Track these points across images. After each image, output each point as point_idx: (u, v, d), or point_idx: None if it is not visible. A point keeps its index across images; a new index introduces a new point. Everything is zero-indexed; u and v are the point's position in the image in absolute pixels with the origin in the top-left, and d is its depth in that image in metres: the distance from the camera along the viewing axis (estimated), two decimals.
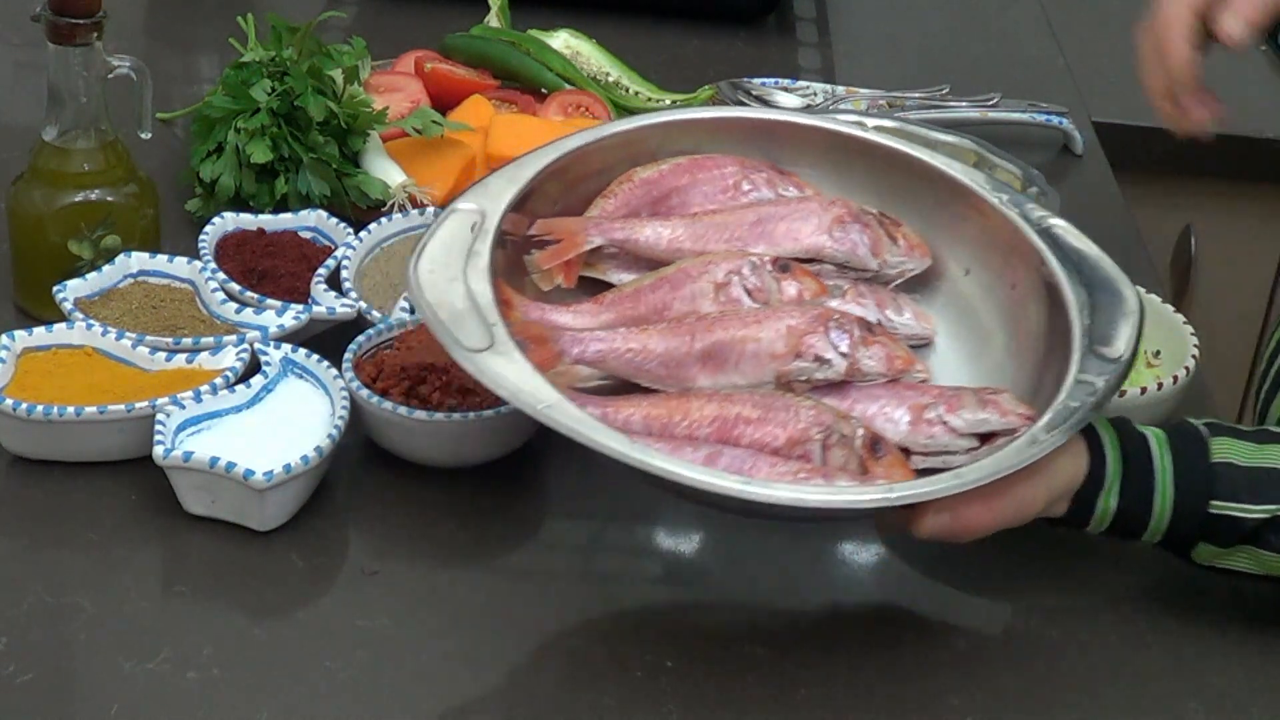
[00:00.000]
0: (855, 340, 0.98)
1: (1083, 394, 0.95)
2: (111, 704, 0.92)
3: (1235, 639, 1.04)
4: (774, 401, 0.95)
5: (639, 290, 1.02)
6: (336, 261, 1.22)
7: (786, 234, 1.05)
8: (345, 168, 1.32)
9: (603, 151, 1.08)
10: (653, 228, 1.04)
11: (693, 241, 1.04)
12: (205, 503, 1.04)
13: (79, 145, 1.18)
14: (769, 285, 1.01)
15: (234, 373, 1.10)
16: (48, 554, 1.02)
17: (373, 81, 1.44)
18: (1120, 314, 1.00)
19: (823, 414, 0.94)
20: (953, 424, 0.96)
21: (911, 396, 0.98)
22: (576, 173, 1.07)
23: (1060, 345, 0.99)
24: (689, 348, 0.98)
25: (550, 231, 1.03)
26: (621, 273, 1.05)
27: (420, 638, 0.98)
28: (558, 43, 1.54)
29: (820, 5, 1.87)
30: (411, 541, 1.05)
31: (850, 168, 1.10)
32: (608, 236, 1.04)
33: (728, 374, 0.97)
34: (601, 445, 0.89)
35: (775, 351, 0.97)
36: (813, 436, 0.94)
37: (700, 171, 1.08)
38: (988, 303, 1.05)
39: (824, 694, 0.96)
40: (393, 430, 1.08)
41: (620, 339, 0.98)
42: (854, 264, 1.05)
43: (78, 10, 1.14)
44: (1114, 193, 1.56)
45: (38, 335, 1.11)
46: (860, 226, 1.05)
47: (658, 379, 0.98)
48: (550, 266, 1.02)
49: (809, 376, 0.97)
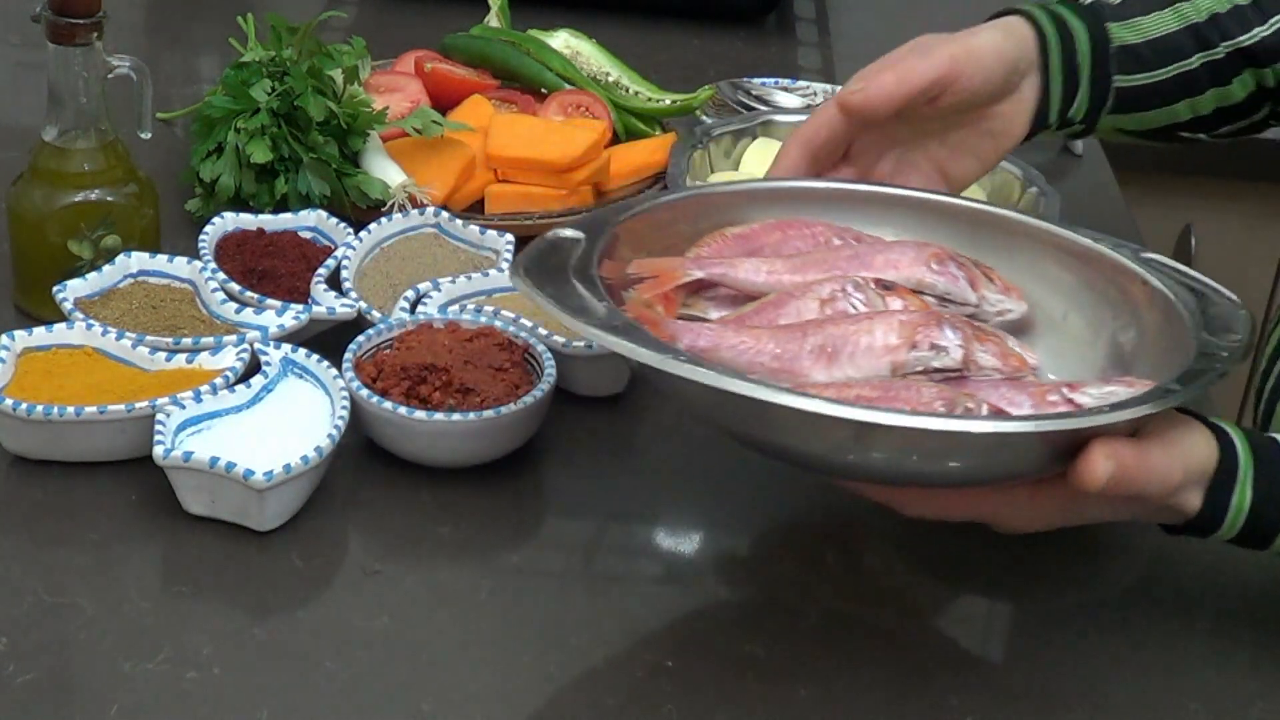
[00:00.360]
0: (969, 335, 0.96)
1: (1208, 362, 0.93)
2: (111, 704, 0.92)
3: (1235, 639, 1.04)
4: (894, 382, 0.93)
5: (742, 315, 1.01)
6: (336, 261, 1.22)
7: (885, 264, 1.03)
8: (345, 168, 1.32)
9: (689, 214, 1.07)
10: (752, 263, 1.03)
11: (792, 274, 1.02)
12: (205, 503, 1.04)
13: (79, 145, 1.18)
14: (874, 301, 0.99)
15: (234, 373, 1.10)
16: (48, 554, 1.02)
17: (373, 81, 1.44)
18: (1231, 312, 0.99)
19: (944, 391, 0.92)
20: (1079, 400, 0.93)
21: (1032, 385, 0.95)
22: (661, 237, 1.05)
23: (1177, 342, 0.97)
24: (801, 343, 0.96)
25: (648, 270, 1.02)
26: (720, 310, 1.03)
27: (420, 637, 0.98)
28: (558, 43, 1.54)
29: (820, 5, 1.87)
30: (411, 541, 1.05)
31: (934, 232, 1.09)
32: (707, 270, 1.02)
33: (842, 366, 0.95)
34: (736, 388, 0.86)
35: (889, 344, 0.95)
36: (937, 409, 0.91)
37: (790, 229, 1.07)
38: (1091, 338, 1.04)
39: (824, 694, 0.96)
40: (393, 430, 1.08)
41: (732, 331, 0.96)
42: (954, 297, 1.03)
43: (78, 10, 1.14)
44: (1114, 193, 1.56)
45: (38, 335, 1.12)
46: (956, 264, 1.03)
47: (770, 373, 0.95)
48: (649, 298, 1.01)
49: (925, 366, 0.95)
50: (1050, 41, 1.17)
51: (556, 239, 0.99)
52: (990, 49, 1.14)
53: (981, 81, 1.14)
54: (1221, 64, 1.22)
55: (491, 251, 1.27)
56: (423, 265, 1.25)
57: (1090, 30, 1.20)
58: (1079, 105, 1.19)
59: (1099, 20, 1.21)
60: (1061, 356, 1.04)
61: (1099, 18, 1.21)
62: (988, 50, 1.14)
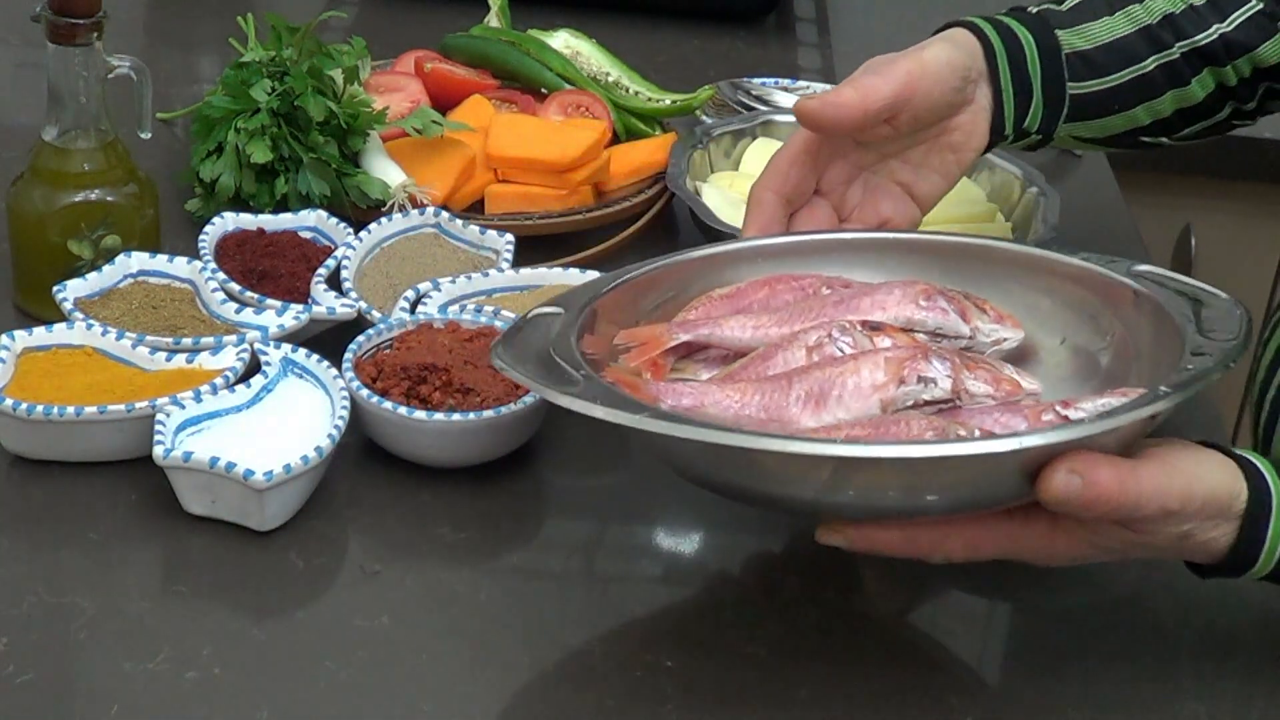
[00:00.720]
0: (957, 365, 0.95)
1: (1202, 363, 0.92)
2: (111, 704, 0.92)
3: (1235, 639, 1.04)
4: (884, 419, 0.92)
5: (731, 372, 1.00)
6: (336, 261, 1.22)
7: (873, 305, 1.02)
8: (345, 168, 1.32)
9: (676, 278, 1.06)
10: (737, 320, 1.02)
11: (779, 326, 1.02)
12: (205, 503, 1.04)
13: (79, 145, 1.18)
14: (861, 343, 0.98)
15: (234, 373, 1.10)
16: (48, 554, 1.02)
17: (373, 81, 1.44)
18: (1226, 319, 0.98)
19: (935, 421, 0.91)
20: (1074, 417, 0.91)
21: (1026, 406, 0.94)
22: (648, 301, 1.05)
23: (1171, 349, 0.96)
24: (787, 392, 0.95)
25: (633, 338, 1.02)
26: (710, 371, 1.02)
27: (420, 638, 0.98)
28: (558, 43, 1.54)
29: (820, 5, 1.87)
30: (411, 541, 1.05)
31: (927, 270, 1.08)
32: (693, 332, 1.02)
33: (831, 410, 0.94)
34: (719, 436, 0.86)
35: (877, 382, 0.94)
36: (929, 440, 0.90)
37: (779, 284, 1.07)
38: (1090, 358, 1.04)
39: (824, 694, 0.96)
40: (393, 430, 1.09)
41: (715, 387, 0.96)
42: (946, 331, 1.02)
43: (78, 10, 1.14)
44: (1114, 193, 1.56)
45: (38, 335, 1.12)
46: (946, 298, 1.03)
47: (759, 425, 0.94)
48: (637, 365, 1.00)
49: (915, 399, 0.94)
50: (997, 50, 1.17)
51: (535, 316, 0.99)
52: (942, 60, 1.14)
53: (938, 95, 1.14)
54: (1177, 64, 1.22)
55: (491, 251, 1.27)
56: (423, 265, 1.25)
57: (1038, 38, 1.19)
58: (1033, 114, 1.19)
59: (1047, 27, 1.21)
60: (1063, 381, 1.03)
61: (1047, 25, 1.21)
62: (940, 62, 1.14)
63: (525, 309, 1.18)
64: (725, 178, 1.41)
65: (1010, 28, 1.19)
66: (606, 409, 0.87)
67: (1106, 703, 0.99)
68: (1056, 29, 1.21)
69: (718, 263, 1.08)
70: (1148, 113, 1.23)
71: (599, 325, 1.01)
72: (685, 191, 1.34)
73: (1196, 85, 1.22)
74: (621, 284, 1.04)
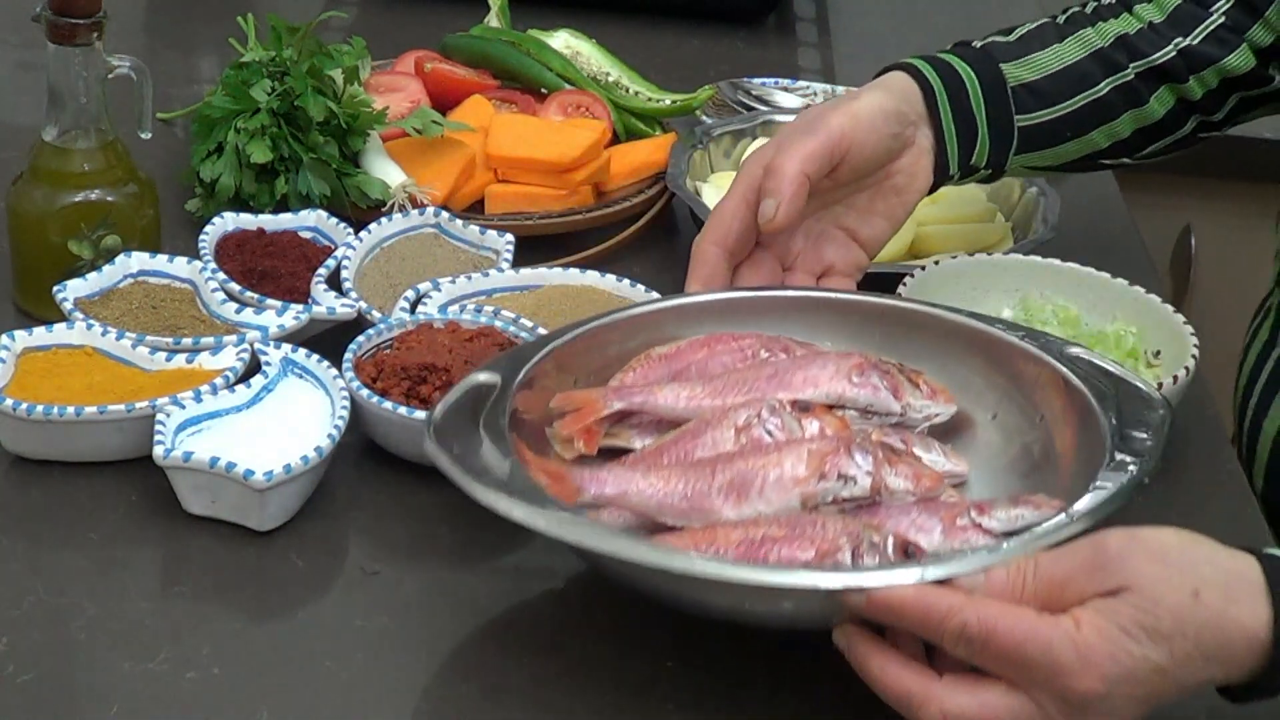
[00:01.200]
0: (879, 460, 0.96)
1: (1115, 478, 0.94)
2: (111, 704, 0.92)
3: None
4: (801, 519, 0.94)
5: (662, 447, 1.01)
6: (336, 261, 1.22)
7: (805, 381, 1.03)
8: (345, 168, 1.32)
9: (619, 334, 1.08)
10: (671, 389, 1.04)
11: (712, 398, 1.03)
12: (205, 503, 1.04)
13: (79, 145, 1.18)
14: (789, 425, 1.00)
15: (234, 373, 1.10)
16: (48, 554, 1.02)
17: (373, 81, 1.44)
18: (1147, 416, 0.99)
19: (851, 524, 0.93)
20: (987, 525, 0.93)
21: (943, 507, 0.96)
22: (592, 358, 1.07)
23: (1092, 455, 0.98)
24: (710, 480, 0.96)
25: (569, 403, 1.03)
26: (644, 438, 1.04)
27: (420, 638, 0.98)
28: (558, 43, 1.54)
29: (820, 5, 1.87)
30: (411, 542, 1.05)
31: (868, 333, 1.09)
32: (627, 400, 1.03)
33: (752, 502, 0.96)
34: (625, 552, 0.89)
35: (798, 475, 0.96)
36: (841, 546, 0.91)
37: (718, 345, 1.08)
38: (1018, 439, 1.05)
39: (825, 695, 0.96)
40: (393, 430, 1.08)
41: (640, 475, 0.97)
42: (876, 408, 1.03)
43: (78, 10, 1.14)
44: (1114, 193, 1.56)
45: (38, 335, 1.12)
46: (879, 373, 1.04)
47: (681, 514, 0.96)
48: (571, 433, 1.02)
49: (835, 496, 0.95)
50: (936, 90, 1.17)
51: (472, 385, 1.00)
52: (875, 109, 1.15)
53: (874, 143, 1.14)
54: (1133, 85, 1.22)
55: (491, 251, 1.27)
56: (423, 265, 1.25)
57: (981, 73, 1.20)
58: (980, 150, 1.20)
59: (991, 62, 1.21)
60: (991, 460, 1.05)
61: (991, 59, 1.21)
62: (873, 112, 1.14)
63: (525, 309, 1.19)
64: (725, 178, 1.40)
65: (951, 65, 1.19)
66: (526, 511, 0.90)
67: None
68: (1001, 63, 1.21)
69: (659, 319, 1.09)
70: (1105, 136, 1.23)
71: (538, 382, 1.03)
72: (685, 192, 1.34)
73: (1155, 103, 1.23)
74: (564, 343, 1.05)
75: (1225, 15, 1.22)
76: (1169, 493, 1.15)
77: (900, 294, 1.17)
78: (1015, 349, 1.06)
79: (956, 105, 1.18)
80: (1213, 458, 1.20)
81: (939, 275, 1.23)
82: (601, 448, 1.03)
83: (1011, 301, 1.24)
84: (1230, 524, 1.14)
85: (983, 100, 1.19)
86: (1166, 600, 0.85)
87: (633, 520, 0.97)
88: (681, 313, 1.10)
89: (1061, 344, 1.05)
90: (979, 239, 1.35)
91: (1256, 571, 0.87)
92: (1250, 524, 1.14)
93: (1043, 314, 1.22)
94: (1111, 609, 0.85)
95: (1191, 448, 1.19)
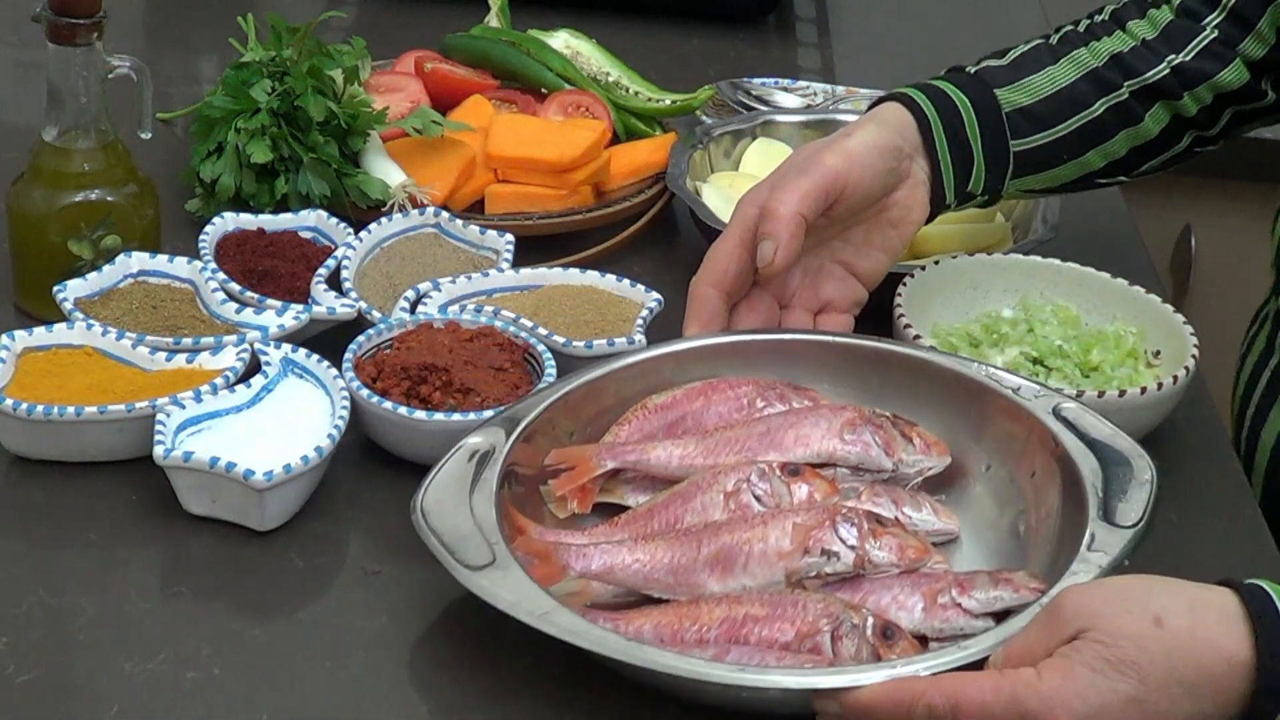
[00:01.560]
0: (864, 533, 0.97)
1: (1096, 561, 0.95)
2: (111, 704, 0.92)
3: None
4: (782, 598, 0.95)
5: (653, 509, 1.02)
6: (336, 261, 1.22)
7: (796, 441, 1.05)
8: (345, 168, 1.32)
9: (616, 383, 1.09)
10: (664, 447, 1.05)
11: (704, 457, 1.05)
12: (205, 503, 1.04)
13: (79, 145, 1.18)
14: (778, 489, 1.01)
15: (234, 373, 1.10)
16: (48, 554, 1.02)
17: (373, 81, 1.44)
18: (1133, 484, 1.00)
19: (831, 605, 0.94)
20: (966, 605, 0.95)
21: (925, 583, 0.97)
22: (589, 408, 1.08)
23: (1076, 522, 0.98)
24: (696, 554, 0.97)
25: (564, 460, 1.04)
26: (638, 495, 1.05)
27: (420, 638, 0.98)
28: (558, 43, 1.54)
29: (820, 5, 1.87)
30: (411, 541, 1.05)
31: (866, 378, 1.10)
32: (620, 459, 1.04)
33: (737, 577, 0.97)
34: (601, 646, 0.90)
35: (782, 550, 0.97)
36: (821, 628, 0.92)
37: (714, 394, 1.09)
38: (1009, 494, 1.05)
39: None
40: (393, 430, 1.08)
41: (625, 550, 0.98)
42: (868, 465, 1.04)
43: (78, 10, 1.14)
44: (1114, 193, 1.55)
45: (38, 335, 1.12)
46: (873, 428, 1.05)
47: (667, 588, 0.97)
48: (565, 493, 1.03)
49: (819, 572, 0.97)
50: (931, 121, 1.17)
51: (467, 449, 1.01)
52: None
53: (869, 180, 1.14)
54: (1128, 104, 1.22)
55: (491, 251, 1.27)
56: (423, 265, 1.25)
57: (976, 101, 1.19)
58: (976, 178, 1.19)
59: (986, 89, 1.20)
60: (983, 514, 1.06)
61: (986, 86, 1.21)
62: (867, 148, 1.14)
63: (525, 309, 1.18)
64: (725, 178, 1.40)
65: (946, 94, 1.19)
66: (509, 601, 0.91)
67: None
68: (996, 88, 1.20)
69: (657, 365, 1.10)
70: (1101, 156, 1.23)
71: (536, 436, 1.04)
72: (685, 192, 1.34)
73: (1150, 121, 1.22)
74: (561, 398, 1.06)
75: (1217, 29, 1.22)
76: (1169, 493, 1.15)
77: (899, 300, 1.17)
78: (1009, 403, 1.06)
79: (952, 135, 1.18)
80: (1213, 458, 1.20)
81: (939, 275, 1.23)
82: (599, 504, 1.04)
83: (1011, 301, 1.24)
84: (1230, 524, 1.14)
85: (978, 128, 1.19)
86: (1126, 630, 0.85)
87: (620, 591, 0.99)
88: (678, 358, 1.11)
89: (1058, 398, 1.06)
90: (978, 239, 1.35)
91: (1229, 598, 0.87)
92: (1250, 524, 1.14)
93: (1043, 314, 1.22)
94: (1072, 650, 0.86)
95: (1191, 448, 1.19)
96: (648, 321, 1.19)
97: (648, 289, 1.22)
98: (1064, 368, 1.17)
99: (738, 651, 0.92)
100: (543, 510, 1.04)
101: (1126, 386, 1.13)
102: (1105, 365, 1.17)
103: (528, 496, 1.03)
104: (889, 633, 0.93)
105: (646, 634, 0.94)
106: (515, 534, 0.98)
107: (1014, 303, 1.24)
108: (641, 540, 0.99)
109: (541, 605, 0.91)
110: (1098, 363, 1.17)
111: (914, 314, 1.17)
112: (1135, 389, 1.12)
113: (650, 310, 1.20)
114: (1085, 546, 0.96)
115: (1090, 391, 1.11)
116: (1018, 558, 1.02)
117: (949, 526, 1.03)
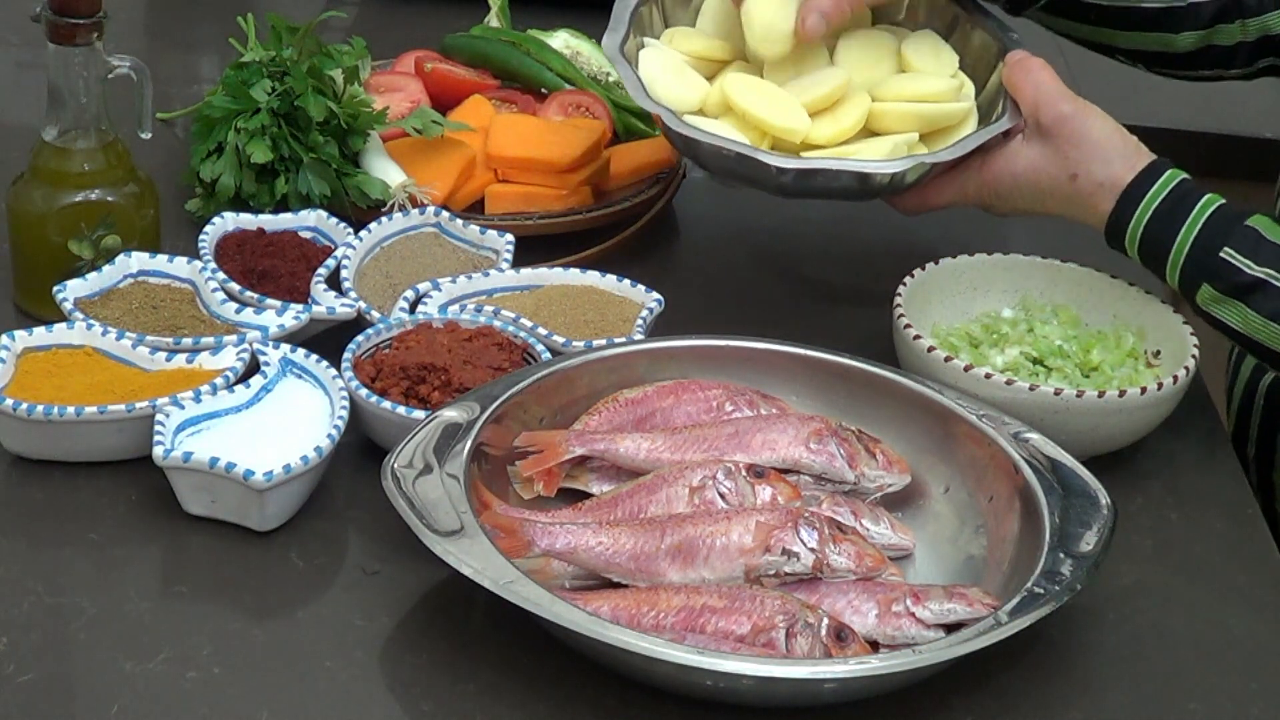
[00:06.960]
0: (825, 537, 0.99)
1: (1048, 583, 0.96)
2: (111, 704, 0.92)
3: (1235, 639, 1.04)
4: (740, 592, 0.97)
5: (617, 497, 1.04)
6: (336, 261, 1.22)
7: (763, 444, 1.06)
8: (345, 168, 1.32)
9: (590, 374, 1.10)
10: (633, 439, 1.07)
11: (671, 452, 1.06)
12: (205, 503, 1.04)
13: (79, 145, 1.18)
14: (743, 489, 1.03)
15: (234, 373, 1.10)
16: (48, 554, 1.03)
17: (373, 81, 1.44)
18: (1091, 516, 1.01)
19: (788, 603, 0.95)
20: (920, 615, 0.97)
21: (880, 591, 0.99)
22: (561, 395, 1.09)
23: (1032, 548, 1.00)
24: (659, 542, 0.99)
25: (533, 443, 1.06)
26: (602, 484, 1.07)
27: (420, 638, 0.98)
28: (558, 43, 1.54)
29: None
30: (411, 541, 1.05)
31: (834, 392, 1.12)
32: (589, 447, 1.06)
33: (697, 568, 0.98)
34: (560, 618, 0.91)
35: (744, 546, 0.98)
36: (777, 624, 0.94)
37: (685, 393, 1.11)
38: (966, 516, 1.07)
39: None
40: (393, 430, 1.08)
41: (590, 533, 1.00)
42: (831, 475, 1.06)
43: (78, 10, 1.14)
44: None
45: (38, 335, 1.12)
46: (838, 440, 1.06)
47: (628, 573, 0.99)
48: (531, 474, 1.05)
49: (777, 570, 0.98)
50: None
51: (441, 421, 1.02)
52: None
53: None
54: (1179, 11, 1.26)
55: (491, 251, 1.27)
56: (423, 265, 1.25)
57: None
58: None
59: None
60: (938, 533, 1.07)
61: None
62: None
63: (525, 309, 1.19)
64: (684, 35, 1.26)
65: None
66: (474, 568, 0.93)
67: (1106, 703, 0.99)
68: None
69: (631, 360, 1.11)
70: (1127, 41, 1.27)
71: (507, 417, 1.05)
72: (621, 62, 1.21)
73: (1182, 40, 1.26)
74: (534, 382, 1.07)
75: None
76: (1169, 493, 1.15)
77: (899, 300, 1.17)
78: (972, 429, 1.07)
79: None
80: (1212, 458, 1.20)
81: (939, 275, 1.23)
82: (563, 489, 1.06)
83: (1011, 301, 1.24)
84: (1230, 524, 1.14)
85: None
86: None
87: (581, 572, 1.00)
88: (652, 356, 1.12)
89: (1020, 429, 1.07)
90: (938, 118, 1.24)
91: None
92: (1251, 524, 1.14)
93: (1043, 314, 1.22)
94: None
95: (1191, 448, 1.19)
96: (648, 321, 1.19)
97: (648, 289, 1.22)
98: (1064, 368, 1.17)
99: (693, 639, 0.93)
100: (508, 490, 1.05)
101: (1126, 386, 1.13)
102: (1105, 365, 1.17)
103: (495, 476, 1.04)
104: (842, 634, 0.94)
105: (604, 615, 0.95)
106: (482, 508, 0.99)
107: (1014, 303, 1.24)
108: (607, 525, 1.01)
109: (506, 575, 0.93)
110: (1098, 363, 1.17)
111: (914, 314, 1.17)
112: (1135, 389, 1.12)
113: (650, 310, 1.20)
114: (1039, 572, 0.97)
115: (1090, 391, 1.11)
116: (971, 577, 1.03)
117: (904, 542, 1.05)
